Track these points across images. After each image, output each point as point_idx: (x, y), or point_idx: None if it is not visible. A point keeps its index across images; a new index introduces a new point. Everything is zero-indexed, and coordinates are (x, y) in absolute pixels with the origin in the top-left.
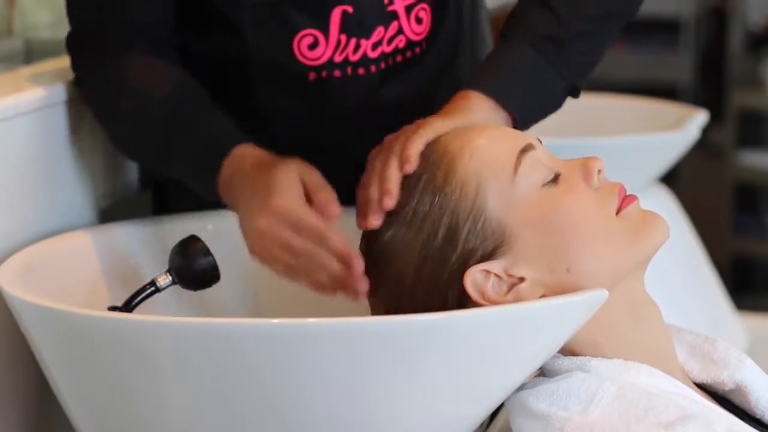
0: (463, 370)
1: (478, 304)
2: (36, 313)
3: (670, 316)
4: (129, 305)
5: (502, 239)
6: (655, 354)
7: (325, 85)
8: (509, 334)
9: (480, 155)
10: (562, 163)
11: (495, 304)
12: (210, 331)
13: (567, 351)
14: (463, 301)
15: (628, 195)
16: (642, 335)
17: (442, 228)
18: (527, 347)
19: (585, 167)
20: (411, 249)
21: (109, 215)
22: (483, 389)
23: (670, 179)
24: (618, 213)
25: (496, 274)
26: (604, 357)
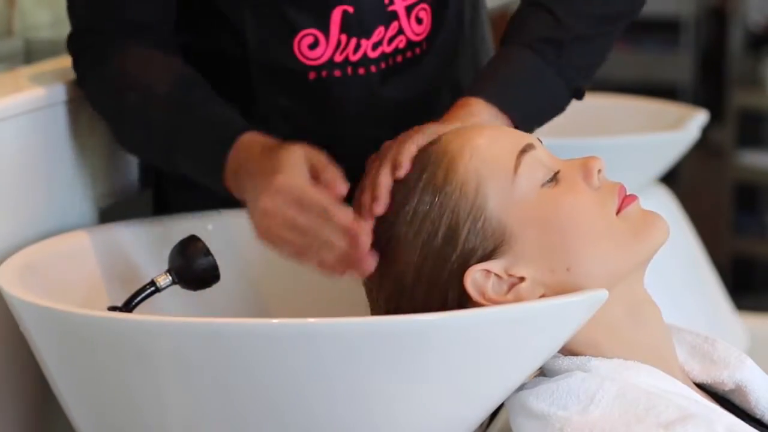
0: (462, 370)
1: (479, 303)
2: (36, 313)
3: (670, 316)
4: (129, 305)
5: (503, 239)
6: (656, 354)
7: (326, 85)
8: (509, 334)
9: (480, 154)
10: (562, 163)
11: (495, 303)
12: (210, 331)
13: (567, 351)
14: (463, 301)
15: (628, 195)
16: (642, 335)
17: (443, 227)
18: (527, 347)
19: (585, 167)
20: (411, 248)
21: (109, 215)
22: (483, 389)
23: (670, 179)
24: (618, 213)
25: (496, 274)
26: (604, 357)
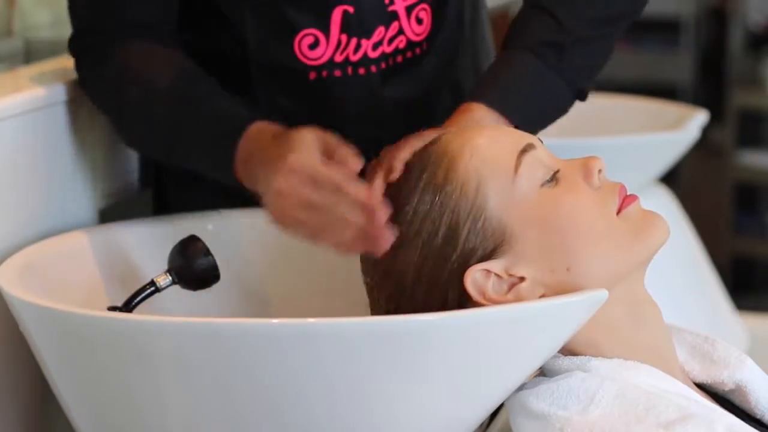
0: (462, 370)
1: (479, 303)
2: (36, 313)
3: (670, 316)
4: (129, 305)
5: (503, 239)
6: (656, 354)
7: (326, 85)
8: (509, 334)
9: (480, 154)
10: (562, 163)
11: (495, 303)
12: (210, 331)
13: (567, 351)
14: (463, 301)
15: (628, 195)
16: (642, 335)
17: (443, 227)
18: (527, 347)
19: (585, 167)
20: (411, 248)
21: (109, 215)
22: (483, 389)
23: (670, 179)
24: (618, 213)
25: (496, 274)
26: (604, 357)
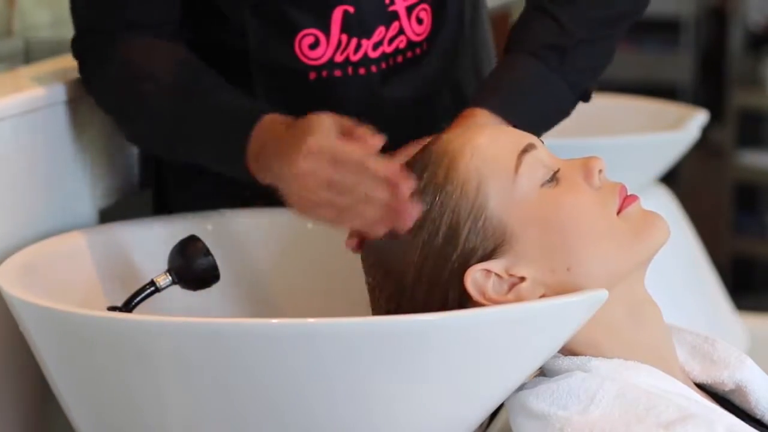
0: (462, 370)
1: (479, 303)
2: (36, 313)
3: (670, 316)
4: (129, 305)
5: (503, 238)
6: (656, 354)
7: (326, 85)
8: (509, 334)
9: (481, 154)
10: (562, 163)
11: (496, 303)
12: (210, 331)
13: (567, 351)
14: (463, 301)
15: (629, 195)
16: (642, 335)
17: (443, 227)
18: (527, 347)
19: (586, 167)
20: (412, 248)
21: (109, 215)
22: (483, 389)
23: (670, 179)
24: (619, 213)
25: (496, 274)
26: (604, 357)
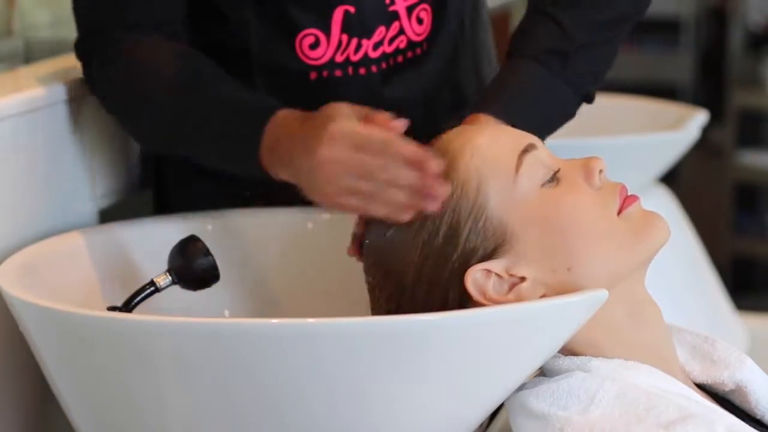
0: (463, 370)
1: (479, 303)
2: (36, 313)
3: (670, 316)
4: (129, 305)
5: (503, 238)
6: (656, 354)
7: (326, 85)
8: (509, 334)
9: (481, 154)
10: (563, 163)
11: (496, 303)
12: (210, 331)
13: (567, 351)
14: (463, 301)
15: (629, 195)
16: (642, 335)
17: (444, 227)
18: (527, 347)
19: (586, 167)
20: (412, 248)
21: (109, 215)
22: (483, 389)
23: (670, 179)
24: (619, 213)
25: (497, 274)
26: (604, 357)
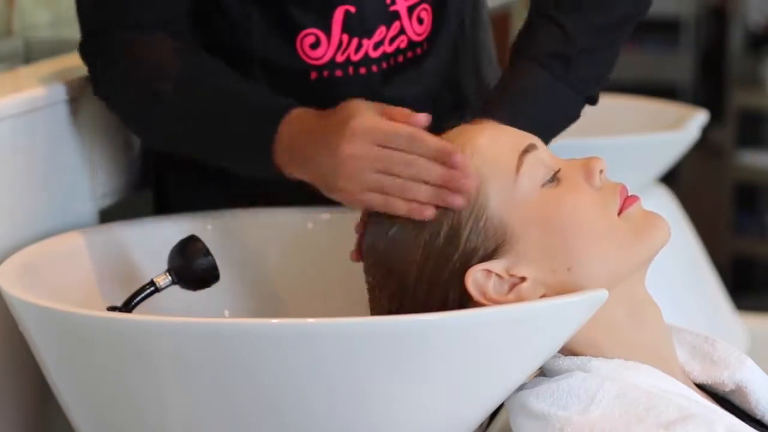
0: (463, 370)
1: (480, 303)
2: (36, 313)
3: (670, 316)
4: (128, 305)
5: (504, 238)
6: (656, 354)
7: (327, 85)
8: (509, 334)
9: (482, 153)
10: (563, 163)
11: (496, 303)
12: (210, 331)
13: (567, 351)
14: (464, 301)
15: (630, 195)
16: (643, 335)
17: (444, 227)
18: (527, 347)
19: (587, 167)
20: (413, 248)
21: (109, 215)
22: (483, 389)
23: (670, 179)
24: (620, 213)
25: (497, 274)
26: (604, 357)
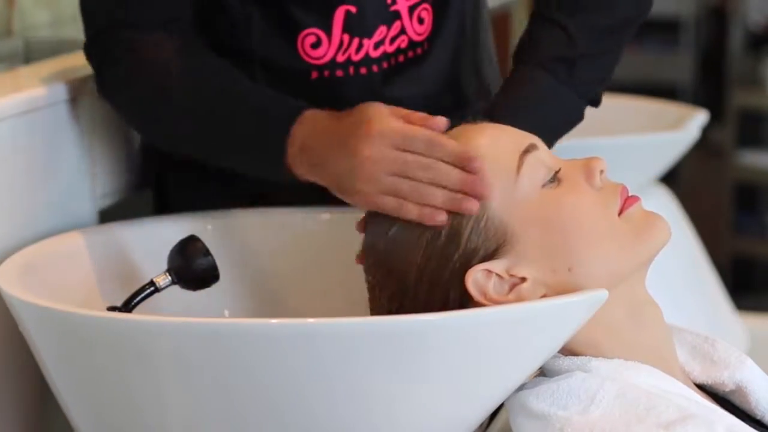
0: (463, 371)
1: (480, 303)
2: (36, 313)
3: (670, 316)
4: (128, 305)
5: (504, 239)
6: (656, 354)
7: (328, 85)
8: (509, 334)
9: (482, 154)
10: (564, 164)
11: (496, 303)
12: (210, 331)
13: (567, 351)
14: (464, 301)
15: (630, 196)
16: (643, 336)
17: (446, 227)
18: (527, 347)
19: (587, 167)
20: (414, 247)
21: (109, 215)
22: (483, 389)
23: (670, 179)
24: (620, 214)
25: (497, 274)
26: (604, 357)
